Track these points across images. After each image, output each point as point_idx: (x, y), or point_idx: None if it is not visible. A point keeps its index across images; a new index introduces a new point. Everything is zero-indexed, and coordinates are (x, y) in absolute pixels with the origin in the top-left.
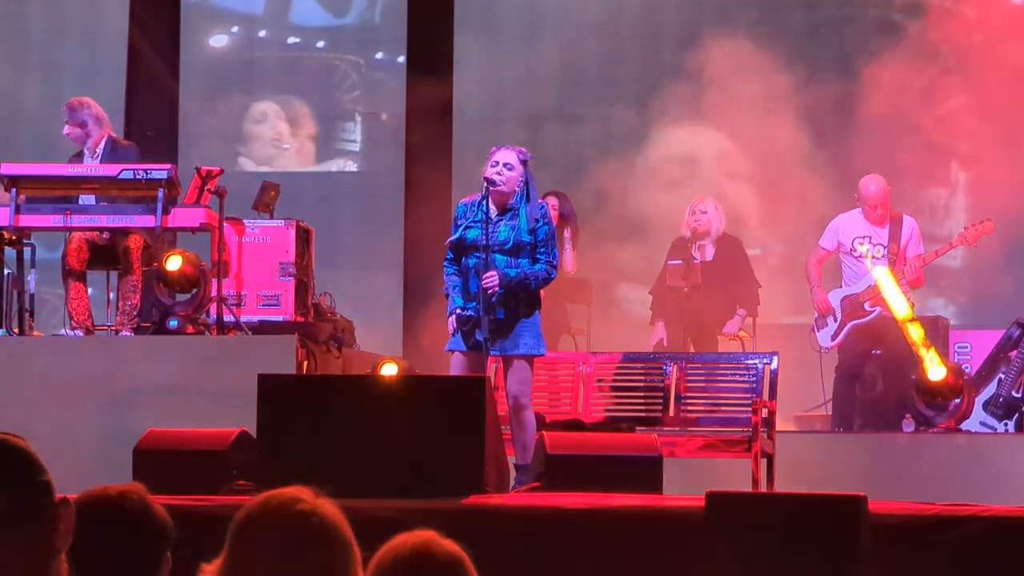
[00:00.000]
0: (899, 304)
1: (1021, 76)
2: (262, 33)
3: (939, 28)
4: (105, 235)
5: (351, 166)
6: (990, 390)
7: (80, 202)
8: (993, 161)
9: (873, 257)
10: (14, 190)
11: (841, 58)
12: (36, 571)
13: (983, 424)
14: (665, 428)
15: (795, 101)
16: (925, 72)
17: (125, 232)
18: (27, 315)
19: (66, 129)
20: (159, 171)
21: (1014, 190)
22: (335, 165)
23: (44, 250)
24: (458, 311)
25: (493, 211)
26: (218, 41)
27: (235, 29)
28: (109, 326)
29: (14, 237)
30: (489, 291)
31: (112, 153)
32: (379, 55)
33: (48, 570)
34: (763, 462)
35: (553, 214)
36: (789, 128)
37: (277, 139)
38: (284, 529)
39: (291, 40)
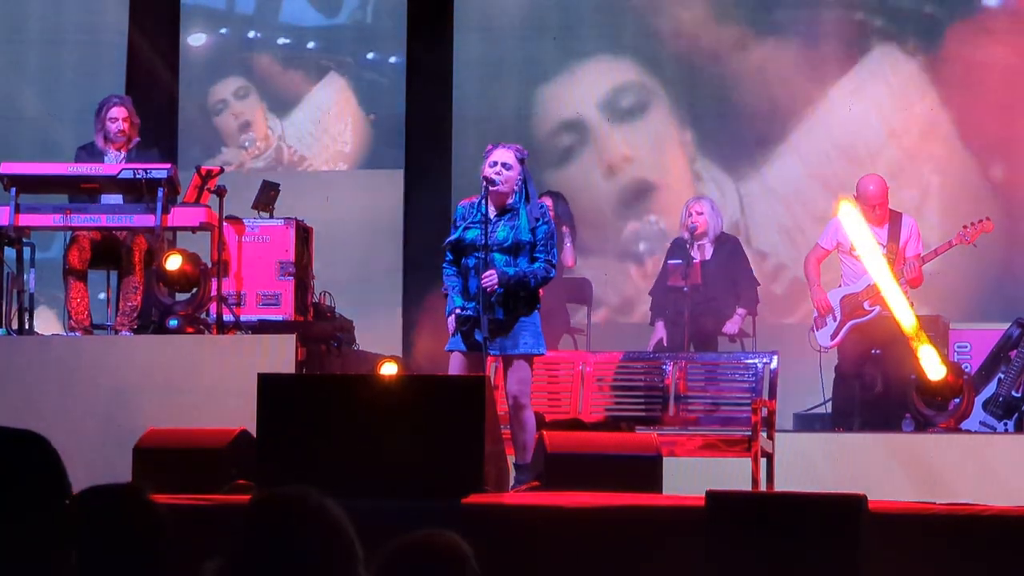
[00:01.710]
0: (905, 316)
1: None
2: (252, 33)
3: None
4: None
5: (343, 166)
6: (990, 390)
7: (103, 201)
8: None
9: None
10: (13, 189)
11: None
12: (45, 563)
13: (983, 424)
14: (665, 428)
15: None
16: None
17: (134, 232)
18: (27, 314)
19: (120, 124)
20: (159, 171)
21: (1012, 187)
22: (327, 165)
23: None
24: (457, 311)
25: (492, 211)
26: (208, 40)
27: (224, 30)
28: (108, 326)
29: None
30: (488, 290)
31: (137, 157)
32: (371, 55)
33: (56, 563)
34: (763, 462)
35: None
36: None
37: (243, 124)
38: (285, 528)
39: (281, 40)
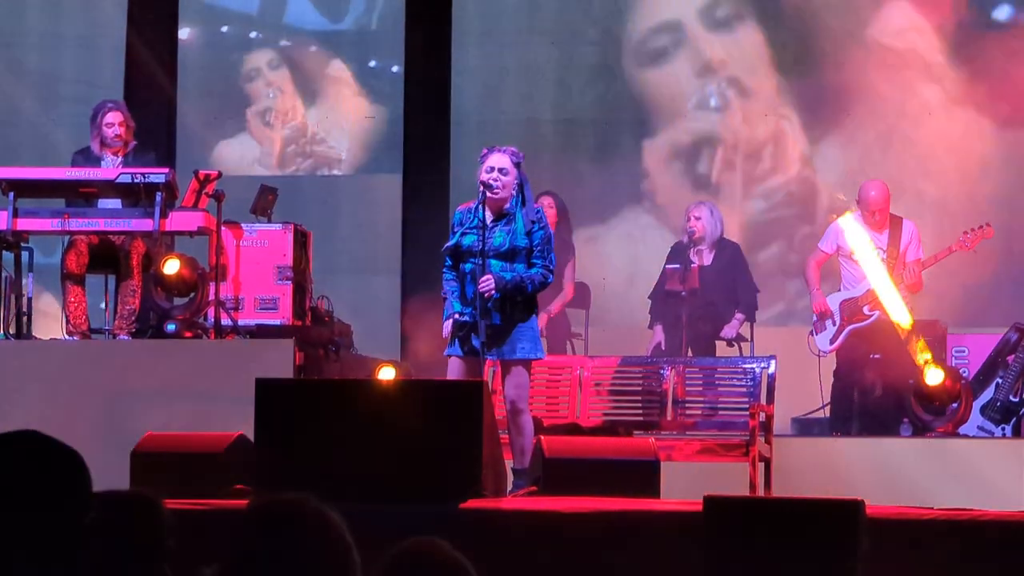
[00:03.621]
0: (900, 315)
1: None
2: (253, 34)
3: None
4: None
5: (341, 169)
6: (988, 394)
7: (100, 205)
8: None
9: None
10: (11, 193)
11: None
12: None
13: (981, 429)
14: (663, 432)
15: None
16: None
17: (132, 236)
18: (25, 319)
19: (116, 129)
20: (157, 175)
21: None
22: (325, 169)
23: (40, 255)
24: (455, 316)
25: (489, 216)
26: (208, 38)
27: (224, 28)
28: (107, 330)
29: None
30: (485, 295)
31: (134, 162)
32: (372, 62)
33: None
34: (761, 466)
35: (551, 212)
36: None
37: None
38: (284, 535)
39: (283, 42)
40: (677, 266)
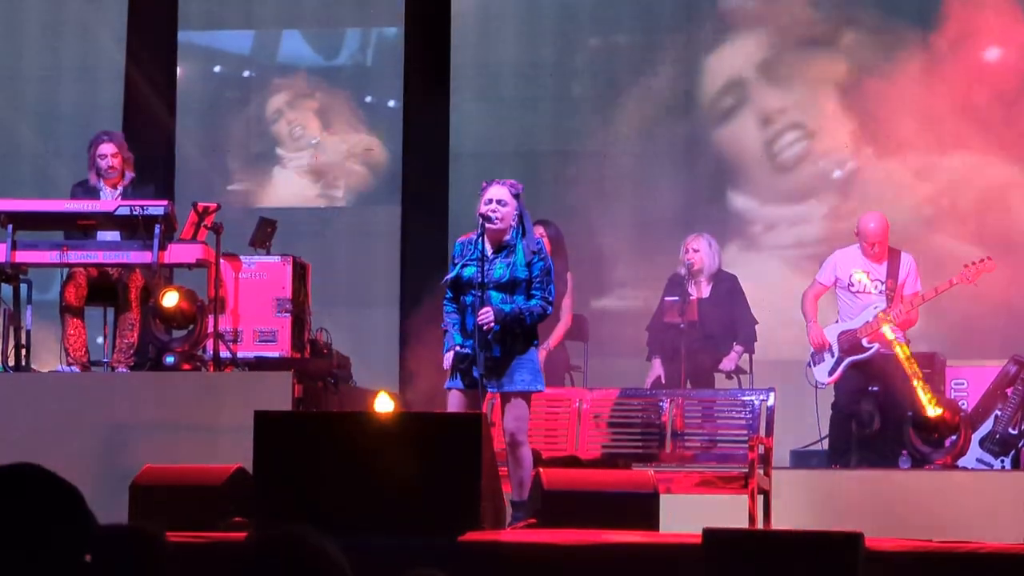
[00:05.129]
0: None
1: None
2: (246, 72)
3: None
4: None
5: (340, 202)
6: (986, 427)
7: (99, 238)
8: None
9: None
10: (10, 226)
11: None
12: None
13: (979, 461)
14: (662, 464)
15: None
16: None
17: (130, 269)
18: (24, 351)
19: (109, 160)
20: (155, 207)
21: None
22: (324, 201)
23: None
24: (456, 348)
25: (489, 248)
26: (202, 78)
27: (217, 68)
28: (105, 363)
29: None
30: (485, 327)
31: (133, 194)
32: (368, 98)
33: None
34: (759, 499)
35: (544, 242)
36: None
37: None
38: (282, 568)
39: (277, 80)
40: (675, 298)
